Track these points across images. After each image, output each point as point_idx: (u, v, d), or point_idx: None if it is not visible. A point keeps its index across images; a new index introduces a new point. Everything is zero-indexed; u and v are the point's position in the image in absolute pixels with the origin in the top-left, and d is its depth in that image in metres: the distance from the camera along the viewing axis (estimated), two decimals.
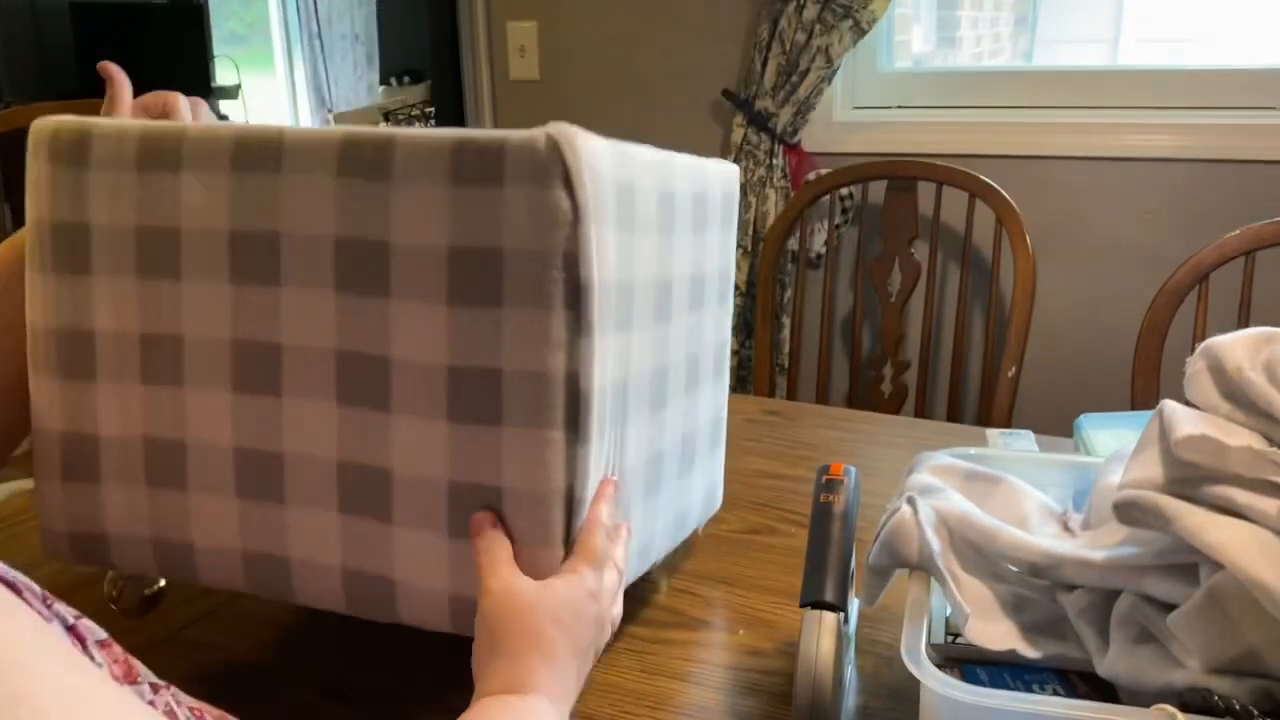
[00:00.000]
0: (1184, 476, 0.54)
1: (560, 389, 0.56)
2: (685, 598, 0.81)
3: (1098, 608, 0.60)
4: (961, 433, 1.13)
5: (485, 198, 0.55)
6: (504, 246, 0.55)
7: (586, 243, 0.55)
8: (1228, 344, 0.59)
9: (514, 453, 0.57)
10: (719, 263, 0.79)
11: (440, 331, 0.57)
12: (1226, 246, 1.44)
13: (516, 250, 0.55)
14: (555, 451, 0.57)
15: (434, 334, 0.57)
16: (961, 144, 1.97)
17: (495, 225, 0.55)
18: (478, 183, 0.55)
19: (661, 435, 0.71)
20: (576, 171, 0.55)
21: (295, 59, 5.58)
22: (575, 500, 0.58)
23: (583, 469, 0.58)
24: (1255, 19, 2.21)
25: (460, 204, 0.56)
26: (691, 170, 0.71)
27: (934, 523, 0.63)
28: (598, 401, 0.58)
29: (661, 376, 0.69)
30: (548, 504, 0.57)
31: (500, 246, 0.55)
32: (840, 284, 2.10)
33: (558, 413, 0.56)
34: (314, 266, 0.60)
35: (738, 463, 1.05)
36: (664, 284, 0.68)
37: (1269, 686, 0.51)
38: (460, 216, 0.56)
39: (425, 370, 0.58)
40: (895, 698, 0.68)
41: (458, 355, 0.57)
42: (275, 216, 0.60)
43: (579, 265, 0.55)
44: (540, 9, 2.25)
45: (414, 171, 0.56)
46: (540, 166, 0.54)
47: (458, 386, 0.57)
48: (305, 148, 0.60)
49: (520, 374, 0.56)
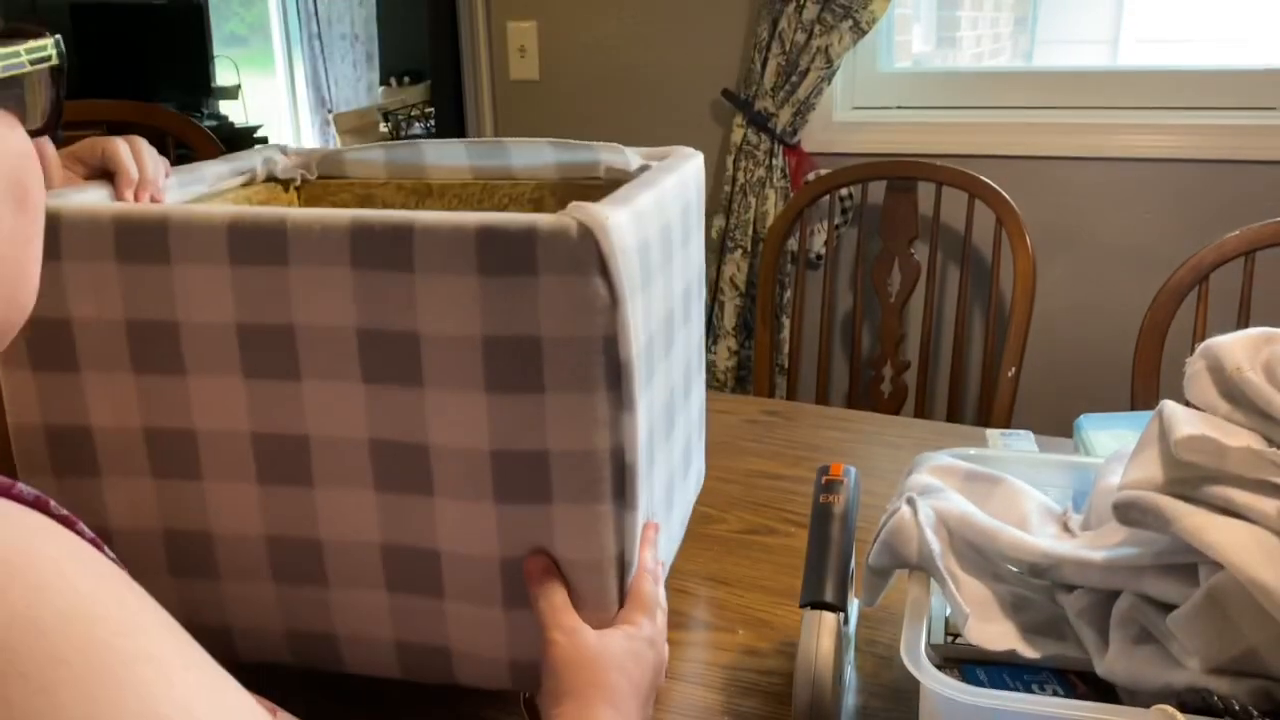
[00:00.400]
0: (1183, 477, 0.54)
1: (607, 464, 0.57)
2: (685, 598, 0.81)
3: (1097, 608, 0.60)
4: (961, 433, 1.13)
5: (519, 287, 0.54)
6: (543, 335, 0.55)
7: (624, 324, 0.55)
8: (1227, 344, 0.59)
9: (565, 527, 0.58)
10: (697, 263, 0.79)
11: (480, 417, 0.57)
12: (1226, 246, 1.44)
13: (556, 338, 0.55)
14: (605, 523, 0.58)
15: (474, 420, 0.57)
16: (961, 144, 1.97)
17: (532, 314, 0.55)
18: (509, 272, 0.54)
19: (672, 456, 0.72)
20: (611, 257, 0.54)
21: (295, 59, 5.58)
22: (626, 564, 0.60)
23: (631, 534, 0.59)
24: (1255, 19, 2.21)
25: (492, 293, 0.55)
26: (677, 187, 0.71)
27: (934, 523, 0.63)
28: (643, 469, 0.59)
29: (670, 401, 0.70)
30: (602, 571, 0.59)
31: (539, 335, 0.55)
32: (840, 284, 2.10)
33: (606, 486, 0.57)
34: (337, 358, 0.58)
35: (738, 463, 1.05)
36: (668, 316, 0.68)
37: (1268, 687, 0.51)
38: (493, 306, 0.55)
39: (467, 454, 0.58)
40: (895, 698, 0.68)
41: (501, 440, 0.57)
42: (288, 309, 0.58)
43: (619, 346, 0.55)
44: (540, 9, 2.25)
45: (437, 262, 0.55)
46: (574, 255, 0.54)
47: (503, 469, 0.58)
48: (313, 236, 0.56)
49: (567, 454, 0.57)
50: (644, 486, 0.61)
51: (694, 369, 0.80)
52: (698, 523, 0.92)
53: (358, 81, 5.40)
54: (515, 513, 0.58)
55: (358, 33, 5.33)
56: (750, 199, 2.06)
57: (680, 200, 0.71)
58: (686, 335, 0.76)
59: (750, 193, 2.06)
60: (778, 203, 2.05)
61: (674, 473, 0.73)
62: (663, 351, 0.66)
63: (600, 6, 2.20)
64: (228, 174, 0.82)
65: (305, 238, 0.57)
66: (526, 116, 2.33)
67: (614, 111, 2.24)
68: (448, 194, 0.86)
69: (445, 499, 0.59)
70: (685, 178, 0.74)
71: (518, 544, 0.59)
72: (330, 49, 5.44)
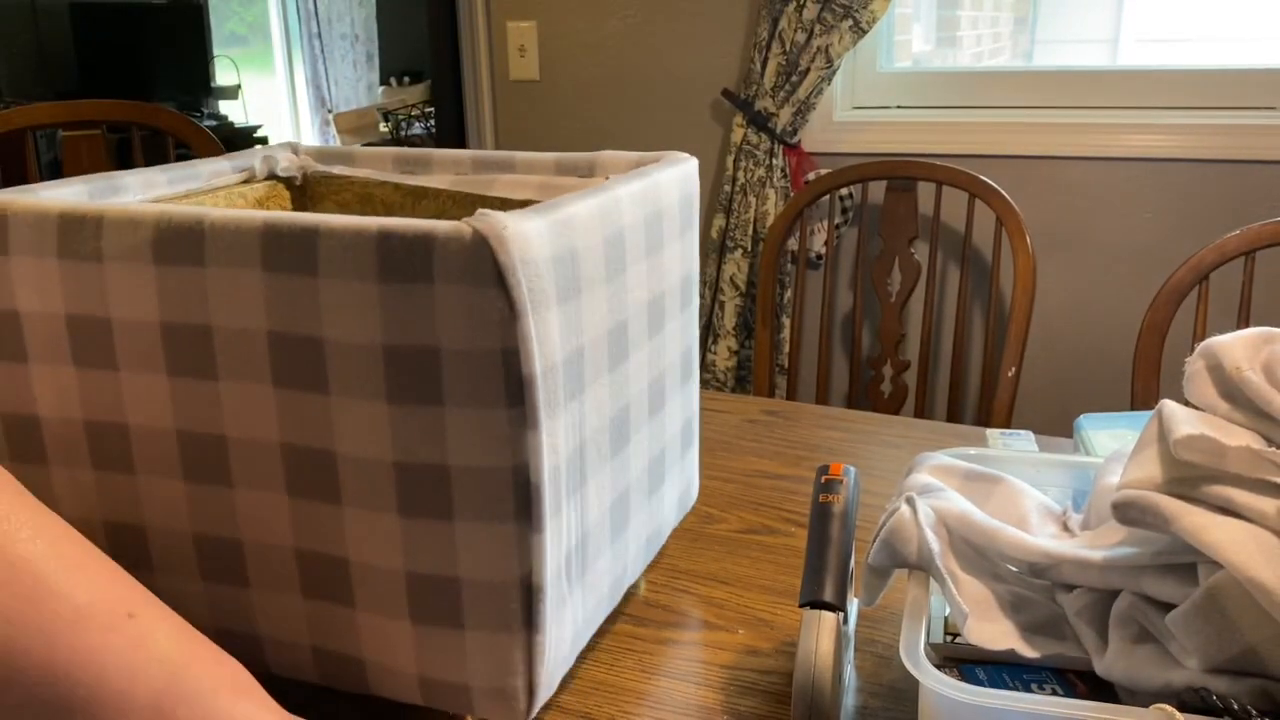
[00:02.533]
0: (1183, 476, 0.54)
1: (509, 482, 0.55)
2: (684, 598, 0.81)
3: (1097, 607, 0.60)
4: (961, 433, 1.13)
5: (416, 295, 0.53)
6: (441, 346, 0.54)
7: (526, 337, 0.53)
8: (1227, 344, 0.59)
9: (468, 545, 0.57)
10: (680, 271, 0.77)
11: (383, 428, 0.56)
12: (1226, 246, 1.44)
13: (453, 350, 0.54)
14: (508, 543, 0.56)
15: (376, 430, 0.56)
16: (961, 144, 1.97)
17: (429, 324, 0.53)
18: (406, 279, 0.53)
19: (626, 474, 0.70)
20: (509, 267, 0.52)
21: (295, 59, 5.59)
22: (534, 587, 0.58)
23: (538, 555, 0.57)
24: (1255, 19, 2.21)
25: (390, 301, 0.54)
26: (642, 194, 0.69)
27: (933, 522, 0.63)
28: (549, 487, 0.57)
29: (622, 418, 0.68)
30: (505, 594, 0.57)
31: (437, 346, 0.54)
32: (840, 284, 2.11)
33: (509, 505, 0.56)
34: (250, 360, 0.58)
35: (737, 463, 1.05)
36: (619, 328, 0.66)
37: (1267, 686, 0.51)
38: (392, 314, 0.54)
39: (371, 465, 0.57)
40: (894, 698, 0.68)
41: (403, 452, 0.56)
42: (205, 310, 0.58)
43: (519, 360, 0.54)
44: (540, 9, 2.25)
45: (339, 266, 0.54)
46: (469, 264, 0.52)
47: (406, 482, 0.57)
48: (227, 238, 0.57)
49: (467, 469, 0.55)
50: (566, 506, 0.60)
51: (673, 381, 0.77)
52: (698, 522, 0.92)
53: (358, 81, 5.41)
54: (419, 527, 0.57)
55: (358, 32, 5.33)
56: (750, 199, 2.06)
57: (647, 206, 0.69)
58: (658, 346, 0.73)
59: (750, 192, 2.06)
60: (778, 202, 2.05)
61: (629, 490, 0.71)
62: (607, 365, 0.64)
63: (600, 6, 2.20)
64: (228, 170, 0.83)
65: (220, 238, 0.57)
66: (526, 116, 2.33)
67: (614, 111, 2.24)
68: (443, 196, 0.86)
69: (352, 508, 0.58)
70: (660, 182, 0.72)
71: (423, 560, 0.58)
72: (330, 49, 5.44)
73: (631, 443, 0.70)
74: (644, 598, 0.81)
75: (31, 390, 0.64)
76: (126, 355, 0.61)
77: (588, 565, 0.65)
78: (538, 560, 0.57)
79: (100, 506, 0.65)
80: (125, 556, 0.66)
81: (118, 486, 0.64)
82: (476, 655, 0.59)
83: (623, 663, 0.73)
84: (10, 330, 0.63)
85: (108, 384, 0.62)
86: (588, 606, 0.66)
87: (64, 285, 0.61)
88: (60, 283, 0.61)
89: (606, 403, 0.65)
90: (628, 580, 0.74)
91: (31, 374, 0.64)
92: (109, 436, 0.63)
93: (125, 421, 0.63)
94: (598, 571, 0.67)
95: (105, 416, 0.63)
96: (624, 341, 0.67)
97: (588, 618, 0.67)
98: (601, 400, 0.64)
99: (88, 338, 0.62)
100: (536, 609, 0.58)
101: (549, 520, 0.58)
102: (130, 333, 0.60)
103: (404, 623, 0.60)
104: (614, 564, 0.70)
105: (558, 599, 0.61)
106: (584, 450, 0.62)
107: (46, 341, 0.63)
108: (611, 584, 0.70)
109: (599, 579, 0.67)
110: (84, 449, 0.64)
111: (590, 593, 0.66)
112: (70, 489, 0.65)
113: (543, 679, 0.60)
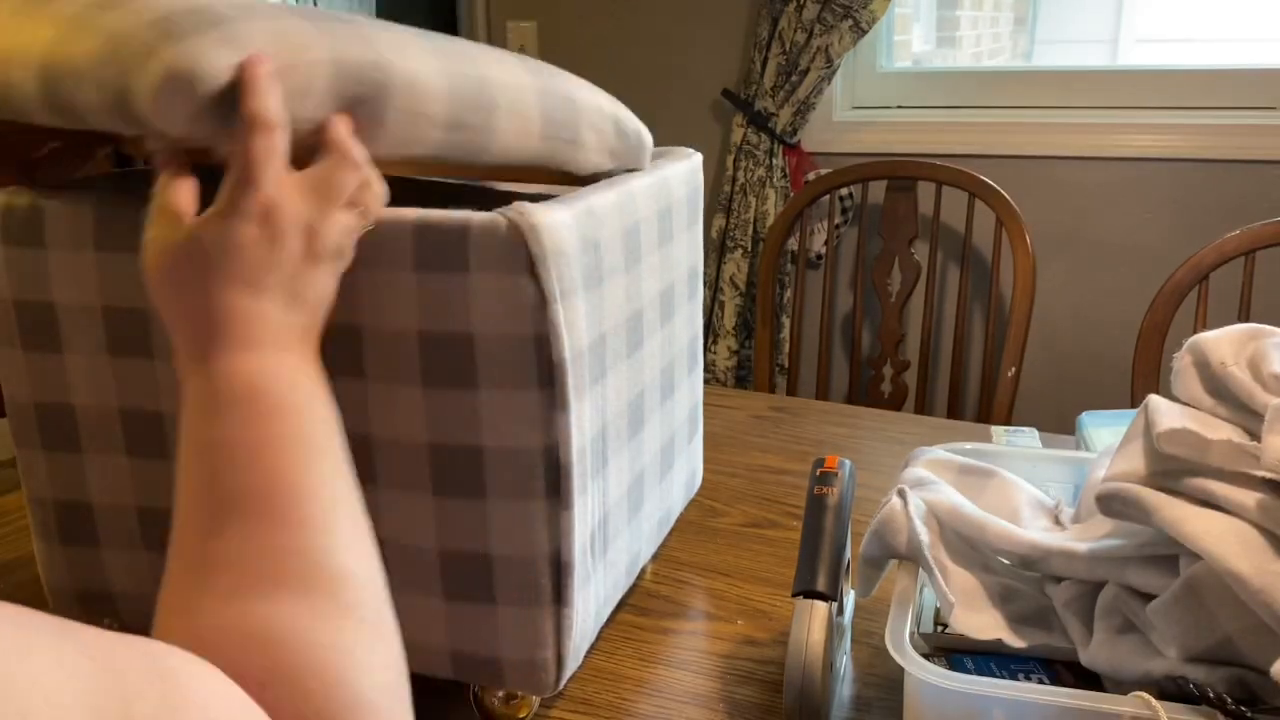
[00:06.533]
0: (1166, 469, 0.56)
1: (540, 462, 0.58)
2: (685, 588, 0.83)
3: (1083, 599, 0.61)
4: (966, 429, 1.14)
5: (452, 283, 0.56)
6: (474, 332, 0.56)
7: (556, 323, 0.56)
8: (1213, 340, 0.60)
9: (500, 523, 0.59)
10: (687, 263, 0.79)
11: (418, 412, 0.58)
12: (1226, 246, 1.45)
13: (487, 335, 0.56)
14: (539, 520, 0.59)
15: (413, 414, 0.59)
16: (961, 144, 1.98)
17: (464, 311, 0.56)
18: (442, 268, 0.56)
19: (641, 456, 0.72)
20: (541, 257, 0.55)
21: None
22: (562, 563, 0.60)
23: (567, 532, 0.60)
24: (1255, 19, 2.22)
25: (427, 289, 0.56)
26: (654, 188, 0.71)
27: (923, 514, 0.64)
28: (577, 466, 0.60)
29: (638, 401, 0.71)
30: (535, 569, 0.60)
31: (471, 332, 0.56)
32: (840, 284, 2.12)
33: (539, 484, 0.58)
34: None
35: (743, 457, 1.06)
36: (635, 316, 0.68)
37: (1243, 674, 0.53)
38: (428, 302, 0.56)
39: (407, 448, 0.59)
40: (889, 687, 0.69)
41: (438, 434, 0.59)
42: None
43: (550, 345, 0.56)
44: (540, 9, 2.26)
45: (376, 256, 0.57)
46: (503, 254, 0.55)
47: (440, 463, 0.59)
48: None
49: (501, 450, 0.58)
50: (591, 485, 0.62)
51: (681, 369, 0.80)
52: (700, 515, 0.94)
53: None
54: (452, 506, 0.60)
55: None
56: (750, 199, 2.07)
57: (659, 200, 0.72)
58: (668, 335, 0.76)
59: (750, 192, 2.07)
60: (778, 202, 2.06)
61: (644, 473, 0.73)
62: (625, 351, 0.67)
63: (600, 6, 2.21)
64: None
65: None
66: None
67: None
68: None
69: (387, 490, 0.61)
70: (669, 177, 0.74)
71: (455, 537, 0.60)
72: None
73: (646, 427, 0.73)
74: (646, 588, 0.82)
75: (67, 380, 0.66)
76: (161, 345, 0.63)
77: (609, 543, 0.68)
78: (566, 537, 0.60)
79: (134, 493, 0.67)
80: (161, 542, 0.67)
81: (152, 471, 0.66)
82: (508, 629, 0.61)
83: (622, 651, 0.74)
84: (47, 322, 0.65)
85: (142, 372, 0.64)
86: (608, 583, 0.69)
87: (99, 276, 0.63)
88: (95, 274, 0.63)
89: (625, 387, 0.68)
90: (642, 560, 0.76)
91: (66, 363, 0.66)
92: (143, 423, 0.65)
93: (160, 410, 0.65)
94: (617, 549, 0.69)
95: (140, 405, 0.65)
96: (640, 329, 0.70)
97: (608, 594, 0.69)
98: (620, 385, 0.67)
99: (122, 327, 0.64)
100: (565, 584, 0.61)
101: (577, 498, 0.60)
102: None
103: (437, 599, 0.62)
104: (631, 543, 0.72)
105: (584, 575, 0.63)
106: (606, 433, 0.65)
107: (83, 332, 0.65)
108: (628, 563, 0.73)
109: (618, 557, 0.70)
110: (120, 437, 0.66)
111: (610, 570, 0.69)
112: (100, 474, 0.67)
113: (570, 652, 0.63)
